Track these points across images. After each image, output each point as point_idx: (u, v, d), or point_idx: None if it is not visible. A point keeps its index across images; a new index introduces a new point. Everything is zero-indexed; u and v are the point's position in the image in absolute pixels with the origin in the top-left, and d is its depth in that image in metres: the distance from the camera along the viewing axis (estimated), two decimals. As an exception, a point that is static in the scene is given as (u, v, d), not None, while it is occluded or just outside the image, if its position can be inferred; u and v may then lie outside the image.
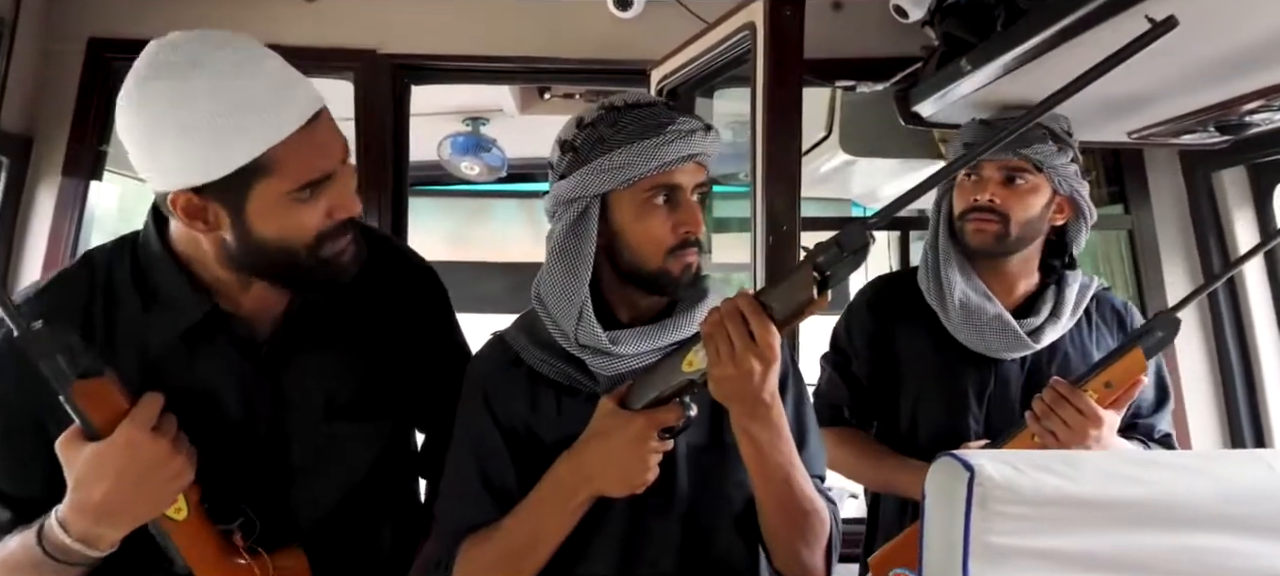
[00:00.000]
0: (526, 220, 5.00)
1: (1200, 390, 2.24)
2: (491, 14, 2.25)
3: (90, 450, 0.97)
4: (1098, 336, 1.67)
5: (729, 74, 1.96)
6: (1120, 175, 2.36)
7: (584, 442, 1.09)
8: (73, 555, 0.99)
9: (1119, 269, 2.53)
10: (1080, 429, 1.41)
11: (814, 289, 0.97)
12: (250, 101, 0.97)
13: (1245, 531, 0.88)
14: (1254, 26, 1.29)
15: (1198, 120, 1.73)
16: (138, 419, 0.97)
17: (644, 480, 1.07)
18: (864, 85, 2.21)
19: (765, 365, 0.99)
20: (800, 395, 1.23)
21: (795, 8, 1.56)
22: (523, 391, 1.17)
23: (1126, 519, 0.85)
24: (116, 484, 0.96)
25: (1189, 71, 1.51)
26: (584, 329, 1.13)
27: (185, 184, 0.99)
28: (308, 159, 1.00)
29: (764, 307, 0.99)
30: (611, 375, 1.14)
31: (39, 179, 2.10)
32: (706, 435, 1.17)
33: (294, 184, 1.00)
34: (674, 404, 1.07)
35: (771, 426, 1.06)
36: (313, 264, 1.05)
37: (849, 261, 0.95)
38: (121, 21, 2.13)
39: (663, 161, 1.10)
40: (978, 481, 0.82)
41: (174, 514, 1.02)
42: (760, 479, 1.10)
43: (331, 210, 1.04)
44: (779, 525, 1.14)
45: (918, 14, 1.94)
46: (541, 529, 1.10)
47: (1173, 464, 0.94)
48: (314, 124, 1.01)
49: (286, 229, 1.02)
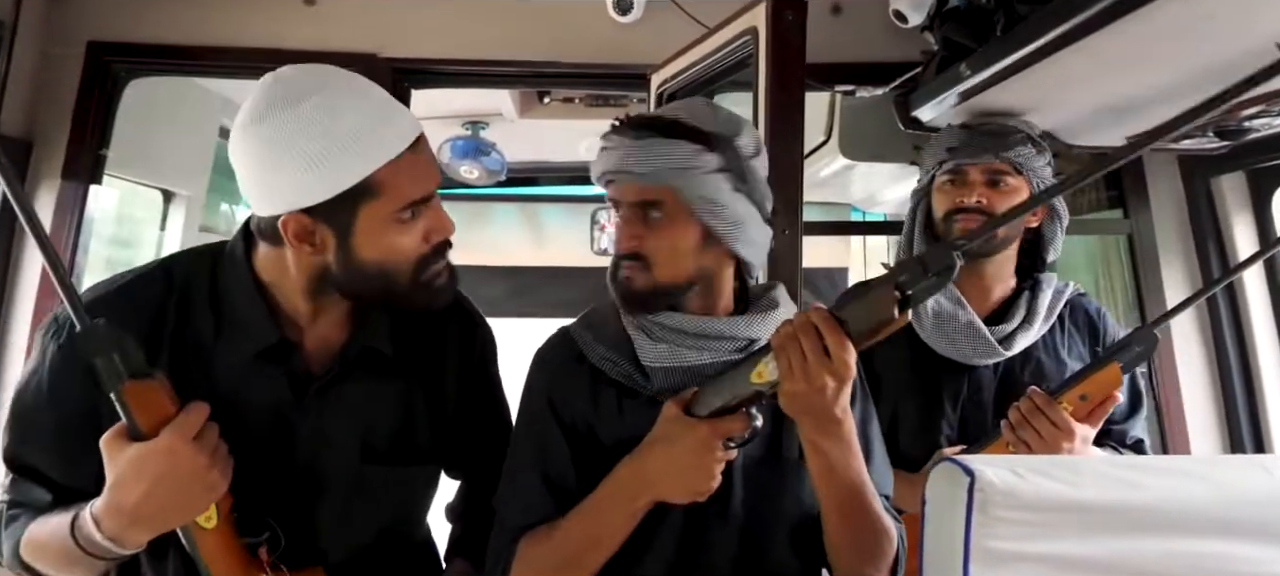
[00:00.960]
0: (526, 224, 4.99)
1: (1200, 395, 2.23)
2: (491, 18, 2.25)
3: (133, 450, 0.99)
4: (1070, 342, 1.68)
5: (730, 78, 1.96)
6: (1119, 179, 2.37)
7: (648, 447, 1.09)
8: (100, 550, 1.01)
9: (1118, 273, 2.53)
10: (1053, 441, 1.43)
11: (894, 309, 0.94)
12: (359, 125, 1.02)
13: (1244, 536, 0.88)
14: (1253, 31, 1.30)
15: (1197, 126, 1.73)
16: (182, 426, 0.99)
17: (707, 488, 1.07)
18: (863, 90, 2.21)
19: (839, 382, 0.98)
20: (867, 413, 1.21)
21: (797, 12, 1.57)
22: (585, 389, 1.17)
23: (1126, 524, 0.86)
24: (153, 488, 0.98)
25: (1188, 77, 1.51)
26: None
27: (297, 205, 1.03)
28: (410, 181, 1.05)
29: (840, 323, 0.98)
30: (670, 383, 1.13)
31: (38, 182, 2.09)
32: (765, 447, 1.16)
33: (398, 204, 1.04)
34: (741, 414, 1.06)
35: (842, 442, 1.05)
36: (412, 287, 1.09)
37: (933, 283, 0.93)
38: (121, 25, 2.14)
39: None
40: (978, 487, 0.82)
41: (204, 522, 1.03)
42: (828, 494, 1.09)
43: (428, 233, 1.09)
44: (845, 542, 1.12)
45: (917, 19, 1.94)
46: (601, 531, 1.10)
47: (1172, 469, 0.94)
48: (416, 148, 1.06)
49: (389, 251, 1.06)
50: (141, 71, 2.22)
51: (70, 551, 1.02)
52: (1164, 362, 2.23)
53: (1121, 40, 1.35)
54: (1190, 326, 2.25)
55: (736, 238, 1.14)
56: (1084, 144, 2.04)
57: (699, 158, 1.10)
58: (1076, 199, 2.63)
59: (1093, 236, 2.68)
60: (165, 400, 1.00)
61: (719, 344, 1.14)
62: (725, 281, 1.20)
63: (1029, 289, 1.68)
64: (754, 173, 1.17)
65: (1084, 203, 2.59)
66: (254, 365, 1.11)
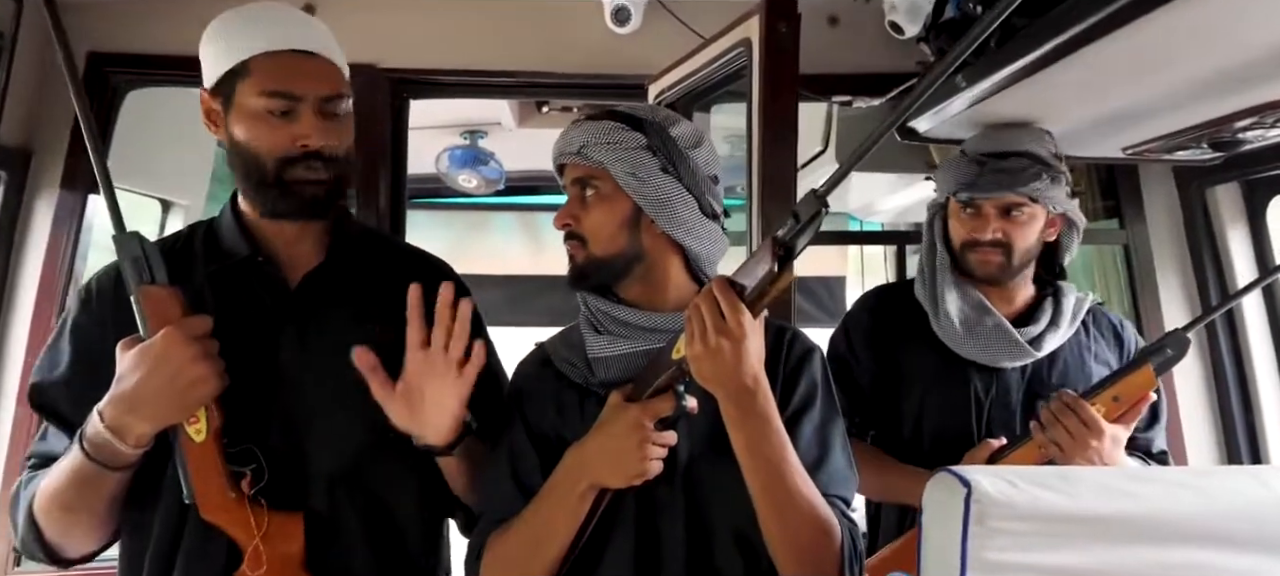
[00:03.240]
0: (524, 233, 5.00)
1: (1197, 407, 2.24)
2: (490, 28, 2.26)
3: (137, 347, 1.08)
4: (1096, 348, 1.70)
5: (726, 89, 1.97)
6: (1115, 190, 2.38)
7: (588, 435, 1.13)
8: (104, 449, 1.09)
9: (1114, 283, 2.54)
10: (1082, 439, 1.44)
11: (774, 262, 0.99)
12: (256, 16, 1.19)
13: (1239, 547, 0.88)
14: (1247, 44, 1.30)
15: (1191, 137, 1.74)
16: (181, 326, 1.09)
17: (640, 470, 1.09)
18: (860, 100, 2.22)
19: (733, 342, 1.01)
20: (828, 417, 1.21)
21: (791, 25, 1.57)
22: (550, 394, 1.22)
23: (1121, 535, 0.86)
24: (148, 375, 1.07)
25: (1182, 88, 1.52)
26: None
27: (206, 84, 1.20)
28: (281, 72, 1.16)
29: (733, 286, 1.02)
30: (608, 377, 1.17)
31: (37, 192, 2.10)
32: (707, 443, 1.16)
33: (263, 87, 1.15)
34: (669, 393, 1.09)
35: (757, 415, 1.06)
36: (275, 183, 1.18)
37: (805, 231, 0.96)
38: (121, 36, 2.14)
39: None
40: (975, 498, 0.83)
41: (194, 433, 1.11)
42: (751, 473, 1.08)
43: (296, 136, 1.17)
44: (777, 532, 1.10)
45: (913, 30, 1.95)
46: (551, 518, 1.13)
47: (1167, 480, 0.95)
48: (299, 56, 1.18)
49: (255, 136, 1.17)
50: (141, 82, 2.22)
51: (76, 470, 1.10)
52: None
53: (1117, 52, 1.36)
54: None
55: (666, 218, 1.18)
56: (1081, 154, 2.05)
57: (624, 133, 1.18)
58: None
59: (1089, 247, 2.69)
60: (175, 308, 1.10)
61: (663, 337, 1.16)
62: (670, 271, 1.22)
63: (1051, 294, 1.70)
64: (689, 161, 1.20)
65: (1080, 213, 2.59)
66: (230, 278, 1.22)
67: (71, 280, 2.11)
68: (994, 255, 1.64)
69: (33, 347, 2.05)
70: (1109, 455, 1.45)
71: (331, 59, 1.21)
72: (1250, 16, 1.22)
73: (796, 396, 1.19)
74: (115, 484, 1.13)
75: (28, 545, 1.18)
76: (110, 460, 1.10)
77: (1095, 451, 1.44)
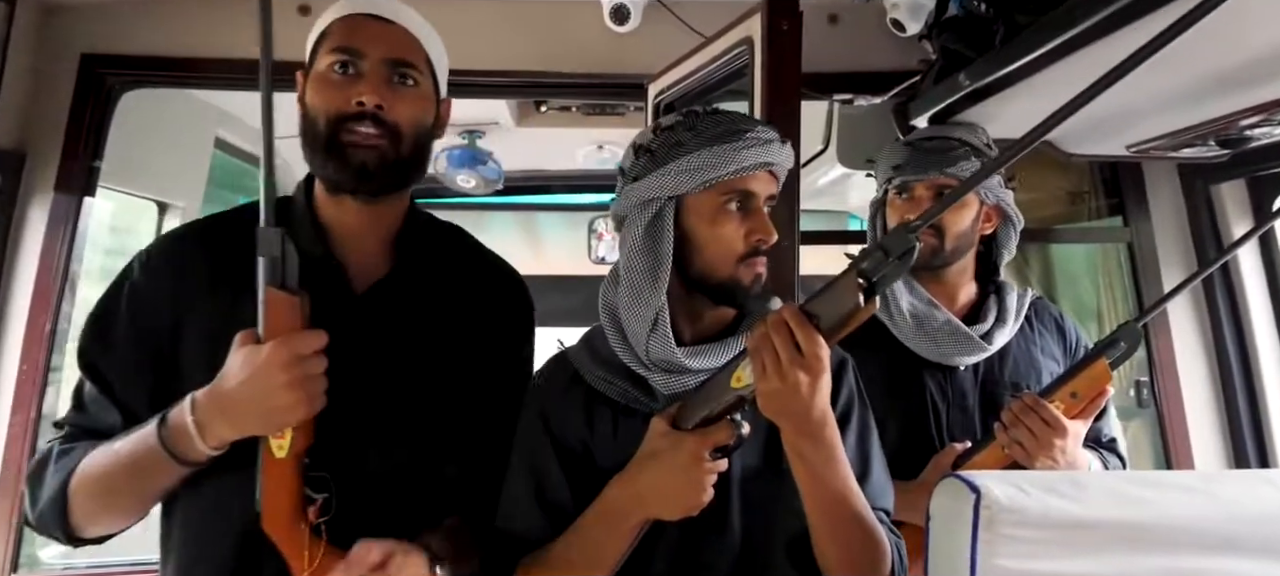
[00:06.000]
0: (523, 233, 4.99)
1: (1203, 407, 2.23)
2: (488, 28, 2.25)
3: (249, 347, 1.04)
4: (1042, 342, 1.70)
5: (727, 88, 1.96)
6: (1119, 187, 2.36)
7: (637, 464, 1.08)
8: (182, 440, 1.06)
9: (1118, 281, 2.53)
10: (1046, 439, 1.43)
11: (860, 296, 0.93)
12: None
13: (1250, 553, 0.87)
14: (1254, 42, 1.29)
15: (1197, 135, 1.73)
16: (292, 340, 1.03)
17: (698, 502, 1.05)
18: (861, 99, 2.21)
19: (812, 377, 0.96)
20: (865, 425, 1.20)
21: (793, 23, 1.56)
22: (580, 410, 1.17)
23: (1132, 541, 0.85)
24: (244, 383, 1.03)
25: (1188, 87, 1.51)
26: (656, 341, 1.12)
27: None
28: (347, 31, 1.17)
29: (809, 317, 0.96)
30: (674, 393, 1.12)
31: (31, 194, 2.08)
32: (761, 459, 1.14)
33: (332, 44, 1.16)
34: (725, 422, 1.04)
35: (823, 445, 1.02)
36: (328, 142, 1.14)
37: (895, 266, 0.92)
38: (114, 38, 2.13)
39: (740, 166, 1.10)
40: (984, 503, 0.82)
41: (276, 449, 1.06)
42: (813, 502, 1.06)
43: (351, 95, 1.14)
44: (833, 554, 1.09)
45: (915, 28, 1.94)
46: (597, 552, 1.09)
47: (1177, 485, 0.94)
48: (371, 19, 1.18)
49: (319, 97, 1.15)
50: (135, 83, 2.21)
51: (141, 456, 1.07)
52: (1167, 375, 2.23)
53: (1121, 50, 1.34)
54: (1193, 339, 2.25)
55: None
56: (1084, 153, 2.04)
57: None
58: (1077, 207, 2.63)
59: (1093, 244, 2.68)
60: (295, 317, 1.04)
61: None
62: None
63: (994, 291, 1.70)
64: None
65: (1084, 211, 2.59)
66: (305, 279, 1.13)
67: (66, 283, 2.10)
68: (928, 237, 1.62)
69: (27, 352, 2.03)
70: (1071, 452, 1.45)
71: (410, 30, 1.21)
72: (1254, 16, 1.21)
73: (837, 409, 1.14)
74: (176, 478, 1.10)
75: (46, 519, 1.12)
76: (184, 453, 1.06)
77: (1059, 449, 1.43)
